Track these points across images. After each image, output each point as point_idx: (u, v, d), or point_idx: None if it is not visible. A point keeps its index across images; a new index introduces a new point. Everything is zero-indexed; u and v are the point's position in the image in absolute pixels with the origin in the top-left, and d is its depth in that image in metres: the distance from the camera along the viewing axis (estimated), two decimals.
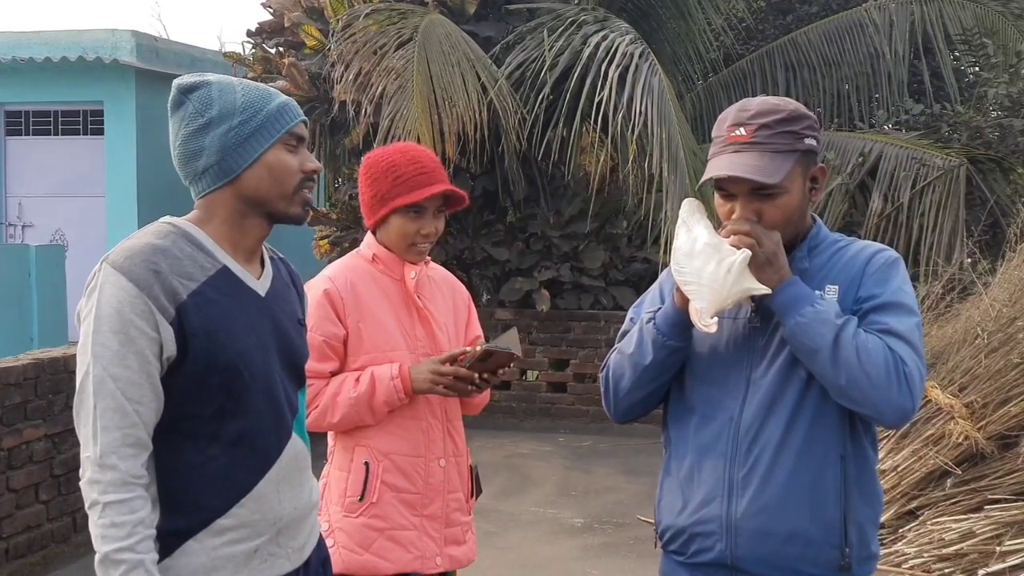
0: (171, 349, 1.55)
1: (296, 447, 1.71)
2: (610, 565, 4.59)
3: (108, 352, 1.52)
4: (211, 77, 1.66)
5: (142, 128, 9.31)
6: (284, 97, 1.67)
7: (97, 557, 1.51)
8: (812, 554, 1.74)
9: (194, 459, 1.58)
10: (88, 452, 1.53)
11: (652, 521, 1.95)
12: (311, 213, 1.71)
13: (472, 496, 2.46)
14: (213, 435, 1.59)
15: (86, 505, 1.54)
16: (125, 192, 9.31)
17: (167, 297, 1.54)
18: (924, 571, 4.35)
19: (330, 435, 2.40)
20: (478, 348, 2.25)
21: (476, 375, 2.26)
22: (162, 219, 1.65)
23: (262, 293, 1.69)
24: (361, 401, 2.25)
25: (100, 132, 9.58)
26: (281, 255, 1.82)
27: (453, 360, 2.27)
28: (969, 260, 6.49)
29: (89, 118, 9.72)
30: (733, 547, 1.75)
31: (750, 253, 1.70)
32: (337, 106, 6.97)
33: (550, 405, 7.67)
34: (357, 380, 2.27)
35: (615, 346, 1.94)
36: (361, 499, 2.28)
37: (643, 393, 1.88)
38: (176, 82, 1.65)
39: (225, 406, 1.59)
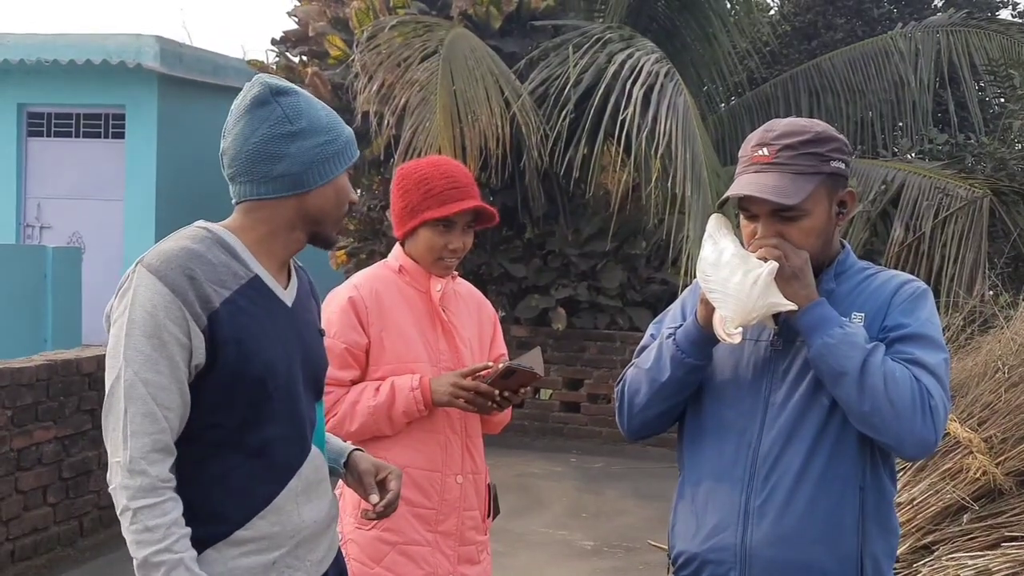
0: (200, 357, 1.54)
1: (316, 460, 1.70)
2: None
3: (140, 356, 1.51)
4: (298, 88, 1.67)
5: (163, 133, 9.37)
6: (349, 127, 1.71)
7: (136, 563, 1.51)
8: None
9: (216, 469, 1.58)
10: (118, 457, 1.52)
11: (663, 546, 1.91)
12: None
13: (489, 515, 2.43)
14: (236, 446, 1.58)
15: (117, 511, 1.53)
16: (144, 196, 9.36)
17: (201, 304, 1.53)
18: None
19: None
20: (501, 365, 2.24)
21: (497, 392, 2.23)
22: (197, 223, 1.65)
23: (289, 303, 1.68)
24: (380, 410, 2.23)
25: (121, 136, 9.65)
26: (300, 264, 1.82)
27: (475, 374, 2.25)
28: (991, 293, 6.41)
29: (111, 121, 9.79)
30: None
31: (777, 265, 1.67)
32: (359, 117, 6.99)
33: (563, 425, 7.62)
34: (377, 389, 2.26)
35: (632, 361, 1.91)
36: (377, 517, 2.25)
37: (658, 410, 1.85)
38: (263, 80, 1.65)
39: (248, 417, 1.58)
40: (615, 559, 4.98)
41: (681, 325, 1.82)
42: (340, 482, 2.36)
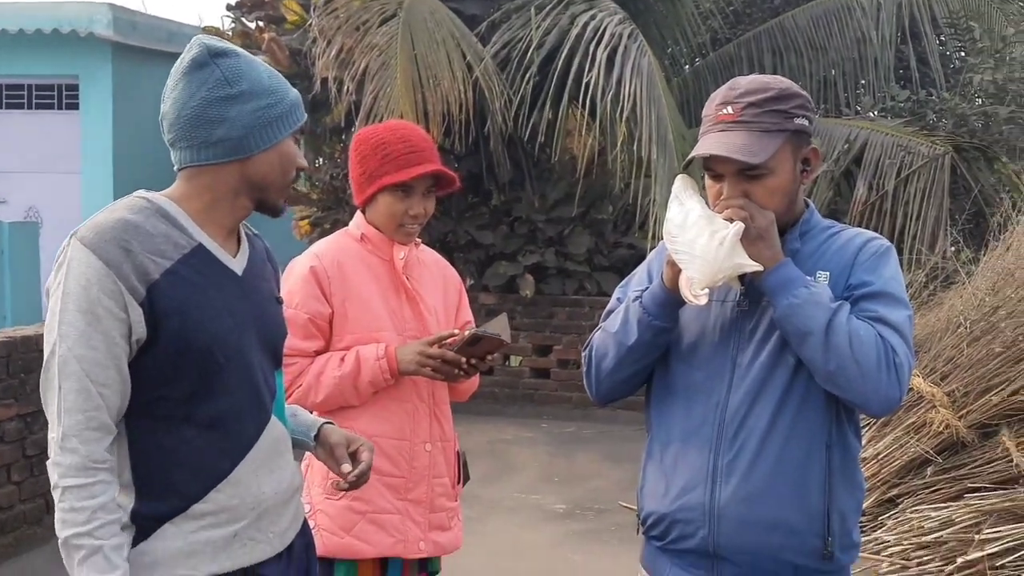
0: (140, 331, 1.50)
1: (275, 431, 1.67)
2: (592, 551, 4.57)
3: (74, 332, 1.48)
4: (238, 48, 1.62)
5: (119, 103, 9.16)
6: (295, 89, 1.65)
7: (59, 541, 1.49)
8: (795, 543, 1.72)
9: (167, 443, 1.55)
10: (53, 433, 1.50)
11: (634, 508, 1.92)
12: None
13: (459, 482, 2.42)
14: (186, 418, 1.55)
15: (52, 487, 1.51)
16: (101, 169, 9.17)
17: (137, 276, 1.49)
18: (903, 559, 4.35)
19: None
20: (467, 332, 2.22)
21: (464, 359, 2.22)
22: (136, 193, 1.60)
23: (239, 272, 1.64)
24: (346, 380, 2.21)
25: (75, 107, 9.42)
26: (256, 231, 1.78)
27: (441, 342, 2.23)
28: (952, 249, 6.49)
29: (64, 92, 9.55)
30: (715, 535, 1.73)
31: (743, 226, 1.67)
32: (318, 83, 6.87)
33: (533, 391, 7.65)
34: (342, 359, 2.24)
35: (599, 325, 1.91)
36: (347, 488, 2.24)
37: (626, 374, 1.85)
38: (201, 41, 1.59)
39: (198, 389, 1.55)
40: (587, 521, 5.03)
41: (647, 288, 1.81)
42: (307, 453, 2.36)
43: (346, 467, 1.76)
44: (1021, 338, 4.52)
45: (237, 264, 1.64)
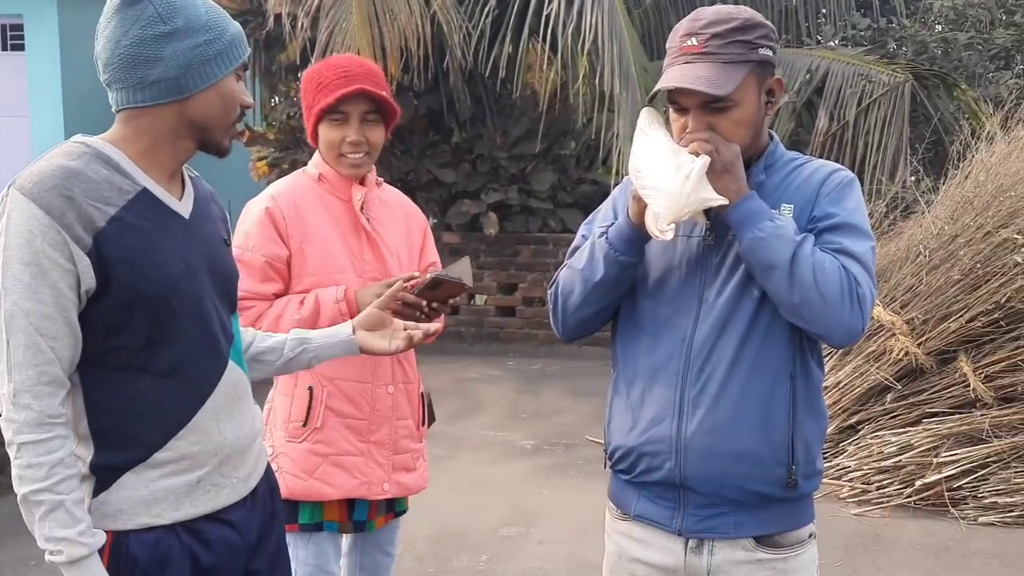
0: (90, 281, 1.46)
1: (234, 375, 1.64)
2: (560, 485, 4.63)
3: (19, 285, 1.43)
4: None
5: (66, 44, 8.87)
6: (236, 23, 1.58)
7: (18, 497, 1.47)
8: (760, 472, 1.74)
9: (124, 393, 1.52)
10: (3, 389, 1.46)
11: (601, 442, 1.93)
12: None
13: (424, 423, 2.42)
14: (142, 367, 1.52)
15: (6, 444, 1.47)
16: (51, 112, 8.91)
17: (83, 225, 1.44)
18: (863, 484, 4.47)
19: None
20: (428, 276, 2.19)
21: (424, 303, 2.19)
22: (73, 138, 1.54)
23: (186, 215, 1.59)
24: (305, 324, 2.18)
25: (21, 48, 9.11)
26: (196, 173, 1.72)
27: (401, 285, 2.20)
28: (912, 178, 6.55)
29: (9, 33, 9.22)
30: (682, 466, 1.74)
31: (708, 160, 1.65)
32: (272, 19, 6.69)
33: (499, 329, 7.67)
34: (301, 302, 2.21)
35: (565, 261, 1.89)
36: (304, 424, 2.25)
37: (593, 310, 1.84)
38: None
39: (153, 337, 1.52)
40: (554, 456, 5.09)
41: (613, 223, 1.80)
42: (269, 396, 2.34)
43: (396, 342, 1.91)
44: (979, 265, 4.59)
45: (183, 207, 1.59)
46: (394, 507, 2.40)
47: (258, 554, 1.69)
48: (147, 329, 1.51)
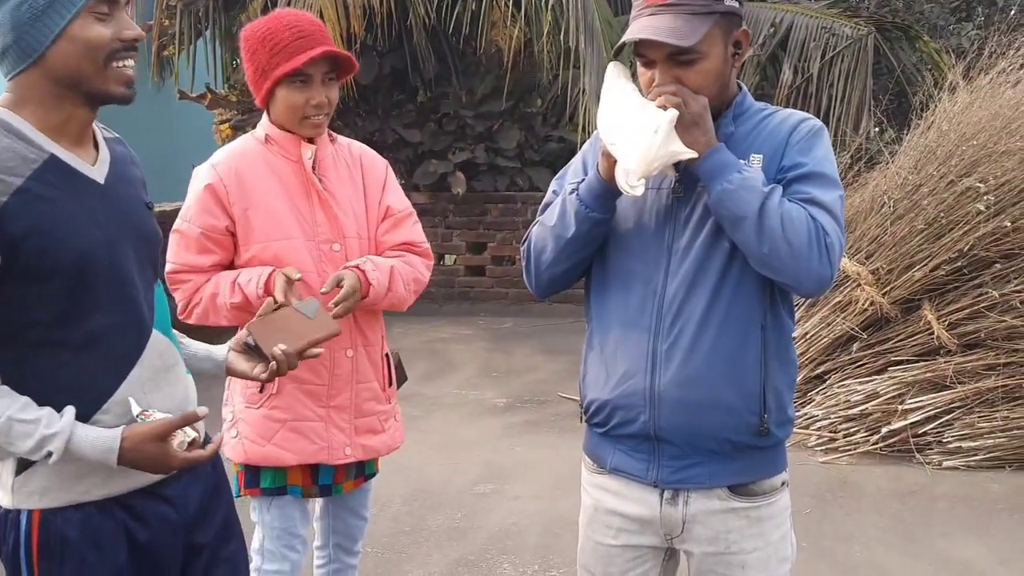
0: None
1: (159, 345, 1.59)
2: (533, 441, 4.67)
3: None
4: None
5: None
6: None
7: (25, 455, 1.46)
8: (733, 422, 1.75)
9: (43, 368, 1.47)
10: None
11: (574, 398, 1.95)
12: (135, 92, 1.52)
13: (391, 384, 2.41)
14: (60, 342, 1.47)
15: None
16: None
17: None
18: (831, 432, 4.55)
19: None
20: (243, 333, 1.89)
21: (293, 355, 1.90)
22: None
23: (100, 180, 1.53)
24: (241, 308, 2.17)
25: None
26: (116, 134, 1.65)
27: (292, 289, 2.06)
28: (876, 130, 6.60)
29: None
30: (656, 418, 1.75)
31: (677, 113, 1.64)
32: None
33: (469, 289, 7.66)
34: (232, 287, 2.17)
35: (536, 219, 1.89)
36: (261, 391, 2.23)
37: (565, 266, 1.84)
38: None
39: (68, 309, 1.46)
40: (527, 413, 5.12)
41: (583, 180, 1.79)
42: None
43: (257, 369, 1.76)
44: (943, 214, 4.64)
45: (97, 172, 1.53)
46: (364, 470, 2.39)
47: (201, 528, 1.65)
48: (61, 302, 1.45)
